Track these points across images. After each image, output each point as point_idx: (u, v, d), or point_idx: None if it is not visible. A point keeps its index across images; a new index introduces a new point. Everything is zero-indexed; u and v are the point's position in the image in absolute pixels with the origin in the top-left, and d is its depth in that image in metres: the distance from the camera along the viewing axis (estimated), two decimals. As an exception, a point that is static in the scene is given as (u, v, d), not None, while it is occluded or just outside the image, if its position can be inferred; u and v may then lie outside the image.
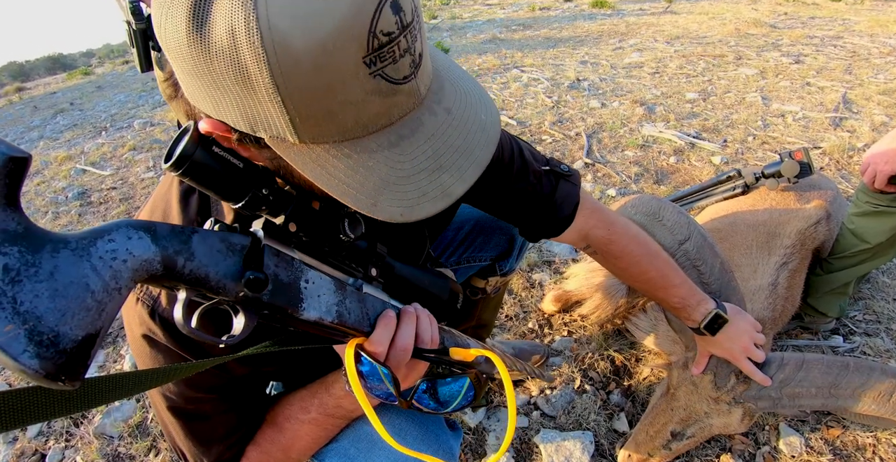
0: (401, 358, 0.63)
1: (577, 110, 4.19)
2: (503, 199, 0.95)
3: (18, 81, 16.54)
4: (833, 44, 5.93)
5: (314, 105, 0.46)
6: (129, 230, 0.43)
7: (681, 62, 5.50)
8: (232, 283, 0.48)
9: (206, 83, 0.46)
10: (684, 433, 1.26)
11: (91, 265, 0.39)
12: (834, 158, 3.01)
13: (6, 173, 0.35)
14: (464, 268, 1.27)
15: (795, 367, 1.17)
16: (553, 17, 10.01)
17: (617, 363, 1.70)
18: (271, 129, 0.48)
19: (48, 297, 0.36)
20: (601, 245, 1.05)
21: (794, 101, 4.04)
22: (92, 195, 3.70)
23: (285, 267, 0.54)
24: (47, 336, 0.35)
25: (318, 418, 0.76)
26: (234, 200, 0.53)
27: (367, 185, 0.50)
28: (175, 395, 0.70)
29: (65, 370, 0.36)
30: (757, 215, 1.78)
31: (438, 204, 0.52)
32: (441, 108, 0.54)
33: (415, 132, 0.52)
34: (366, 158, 0.50)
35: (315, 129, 0.48)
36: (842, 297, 1.77)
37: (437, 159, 0.52)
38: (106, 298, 0.39)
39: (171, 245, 0.45)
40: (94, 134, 5.46)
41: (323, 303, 0.57)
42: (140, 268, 0.42)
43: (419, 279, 0.77)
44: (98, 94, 8.44)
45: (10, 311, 0.34)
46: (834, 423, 1.46)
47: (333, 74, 0.44)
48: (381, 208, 0.50)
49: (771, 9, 9.24)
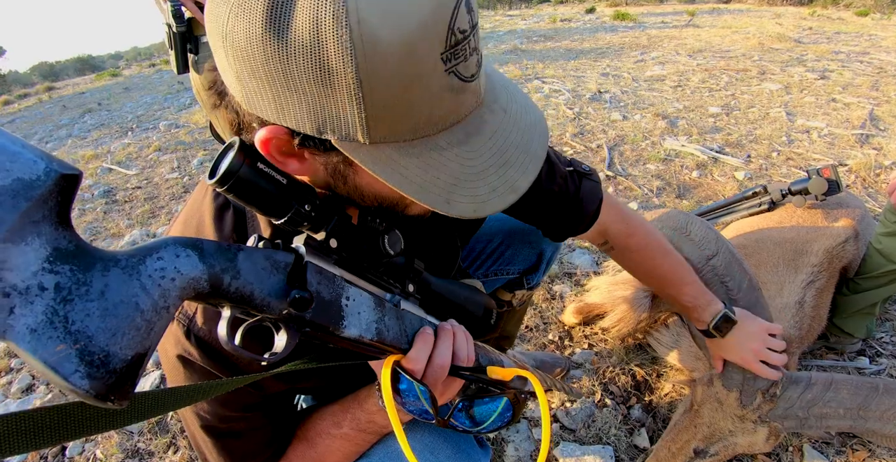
0: (438, 375, 0.63)
1: (599, 122, 4.18)
2: (533, 201, 0.96)
3: (48, 81, 16.95)
4: (859, 59, 5.86)
5: (392, 102, 0.46)
6: (176, 248, 0.42)
7: (703, 76, 5.48)
8: (276, 301, 0.48)
9: (275, 84, 0.46)
10: (707, 451, 1.25)
11: (141, 284, 0.39)
12: (860, 176, 2.97)
13: (59, 191, 0.35)
14: (491, 280, 1.27)
15: (824, 387, 1.16)
16: (574, 29, 10.03)
17: (638, 378, 1.69)
18: (341, 130, 0.48)
19: (99, 316, 0.36)
20: (620, 239, 1.07)
21: (819, 117, 3.99)
22: (117, 194, 3.77)
23: (327, 284, 0.54)
24: (98, 356, 0.35)
25: (349, 434, 0.76)
26: (277, 216, 0.53)
27: (439, 183, 0.50)
28: (209, 414, 0.69)
29: (114, 390, 0.36)
30: (784, 232, 1.76)
31: (507, 198, 0.53)
32: (498, 106, 0.55)
33: (480, 130, 0.53)
34: (436, 156, 0.50)
35: (388, 128, 0.48)
36: (869, 318, 1.74)
37: (502, 155, 0.53)
38: (155, 318, 0.39)
39: (218, 263, 0.44)
40: (121, 134, 5.58)
41: (363, 320, 0.57)
42: (188, 286, 0.42)
43: (455, 295, 0.76)
44: (125, 95, 8.63)
45: (62, 330, 0.34)
46: (860, 446, 1.43)
47: (414, 70, 0.45)
48: (454, 206, 0.50)
49: (795, 23, 9.17)
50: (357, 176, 0.55)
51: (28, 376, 2.00)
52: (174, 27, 1.59)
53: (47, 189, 0.34)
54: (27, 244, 0.34)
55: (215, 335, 0.63)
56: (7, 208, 0.32)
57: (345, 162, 0.53)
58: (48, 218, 0.35)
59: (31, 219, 0.34)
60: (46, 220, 0.35)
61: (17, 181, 0.33)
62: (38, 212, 0.34)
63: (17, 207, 0.33)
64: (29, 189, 0.33)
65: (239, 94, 0.50)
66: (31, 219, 0.34)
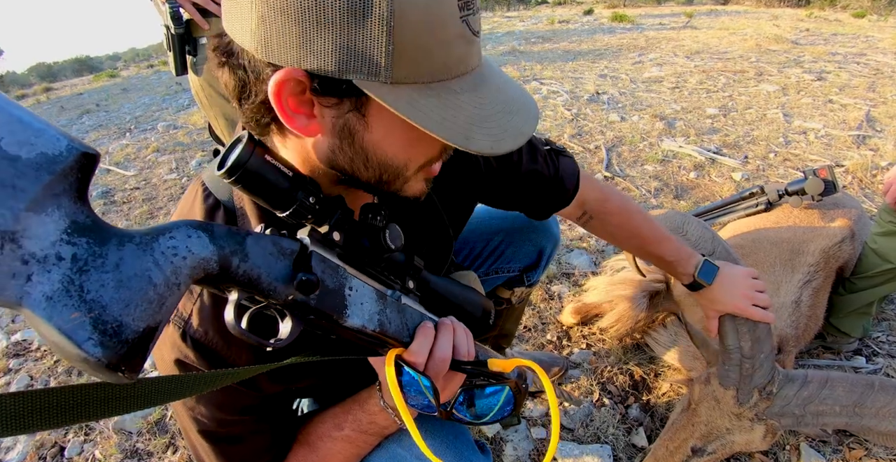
0: (440, 368, 0.63)
1: (597, 123, 4.20)
2: (517, 182, 0.99)
3: (46, 82, 16.92)
4: (856, 61, 5.89)
5: (417, 40, 0.48)
6: (188, 229, 0.43)
7: (701, 77, 5.50)
8: (282, 285, 0.49)
9: (306, 19, 0.46)
10: (705, 449, 1.25)
11: (154, 259, 0.40)
12: (857, 177, 2.98)
13: (79, 168, 0.36)
14: (492, 278, 1.28)
15: (820, 385, 1.16)
16: (572, 31, 10.05)
17: (636, 377, 1.69)
18: (364, 68, 0.48)
19: (113, 287, 0.37)
20: (598, 205, 1.10)
21: (816, 118, 4.01)
22: (116, 194, 3.77)
23: (331, 273, 0.54)
24: (111, 325, 0.36)
25: (351, 435, 0.75)
26: (283, 208, 0.54)
27: (457, 121, 0.52)
28: (207, 418, 0.68)
29: (125, 361, 0.36)
30: (780, 232, 1.77)
31: (518, 140, 0.55)
32: (494, 70, 0.60)
33: (486, 82, 0.56)
34: (453, 98, 0.52)
35: (409, 68, 0.49)
36: (865, 318, 1.75)
37: (507, 105, 0.57)
38: (166, 293, 0.40)
39: (228, 245, 0.45)
40: (119, 135, 5.57)
41: (366, 311, 0.57)
42: (198, 265, 0.43)
43: (454, 295, 0.77)
44: (123, 96, 8.62)
45: (77, 299, 0.35)
46: (857, 445, 1.44)
47: (438, 10, 0.48)
48: (472, 141, 0.52)
49: (793, 25, 9.20)
50: (367, 132, 0.55)
51: (27, 377, 1.99)
52: (173, 29, 1.60)
53: (68, 165, 0.35)
54: (47, 215, 0.35)
55: (212, 337, 0.64)
56: (30, 179, 0.34)
57: (357, 114, 0.54)
58: (68, 192, 0.36)
59: (52, 191, 0.35)
60: (66, 194, 0.36)
61: (41, 155, 0.34)
62: (59, 185, 0.35)
63: (39, 179, 0.34)
64: (52, 163, 0.35)
65: (254, 42, 0.49)
66: (52, 191, 0.35)
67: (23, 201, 0.33)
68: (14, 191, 0.33)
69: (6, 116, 0.34)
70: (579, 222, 1.15)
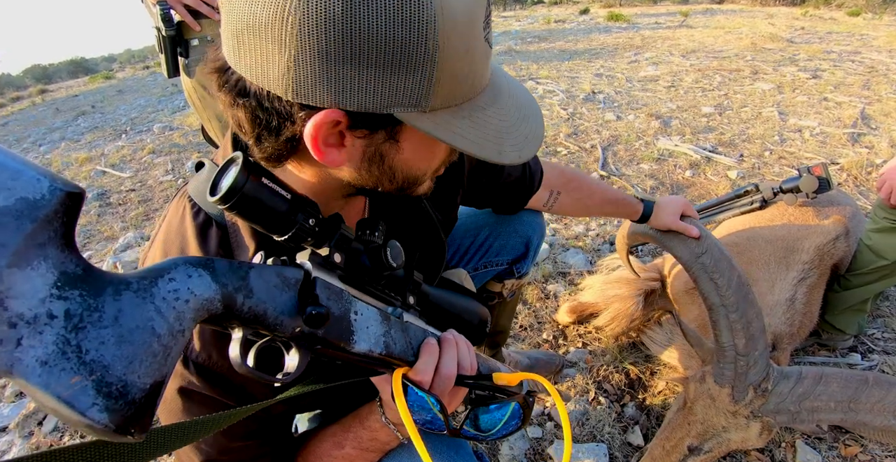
0: (445, 386, 0.63)
1: (593, 123, 4.20)
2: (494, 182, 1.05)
3: (41, 84, 16.87)
4: (851, 59, 5.91)
5: (454, 68, 0.49)
6: (188, 268, 0.40)
7: (696, 76, 5.51)
8: (289, 319, 0.46)
9: (348, 63, 0.45)
10: (702, 448, 1.25)
11: (155, 307, 0.36)
12: (852, 174, 2.99)
13: (64, 211, 0.32)
14: (481, 273, 1.28)
15: (814, 381, 1.16)
16: (568, 30, 10.06)
17: (632, 376, 1.69)
18: (406, 102, 0.49)
19: (115, 343, 0.33)
20: (562, 184, 1.20)
21: (811, 116, 4.02)
22: (111, 196, 3.76)
23: (336, 300, 0.52)
24: (116, 387, 0.33)
25: (351, 453, 0.74)
26: (281, 233, 0.52)
27: (488, 137, 0.54)
28: (210, 446, 0.67)
29: (134, 422, 0.34)
30: (775, 230, 1.77)
31: (536, 144, 0.59)
32: (497, 70, 0.61)
33: (501, 91, 0.58)
34: (481, 115, 0.55)
35: (445, 95, 0.51)
36: (860, 315, 1.75)
37: (521, 111, 0.59)
38: (171, 343, 0.37)
39: (231, 282, 0.42)
40: (115, 137, 5.56)
41: (372, 334, 0.56)
42: (201, 307, 0.40)
43: (452, 306, 0.76)
44: (119, 97, 8.60)
45: (76, 361, 0.31)
46: (852, 441, 1.44)
47: (471, 36, 0.50)
48: (505, 155, 0.55)
49: (788, 23, 9.23)
50: (397, 154, 0.56)
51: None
52: (164, 31, 1.59)
53: (52, 209, 0.32)
54: (33, 269, 0.31)
55: (216, 360, 0.62)
56: (11, 231, 0.30)
57: (390, 140, 0.55)
58: (54, 240, 0.32)
59: (36, 241, 0.31)
60: (52, 243, 0.32)
61: (20, 201, 0.30)
62: (43, 234, 0.31)
63: (21, 229, 0.30)
64: (33, 209, 0.31)
65: (283, 85, 0.47)
66: (36, 241, 0.31)
67: (4, 257, 0.29)
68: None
69: None
70: (549, 202, 1.22)
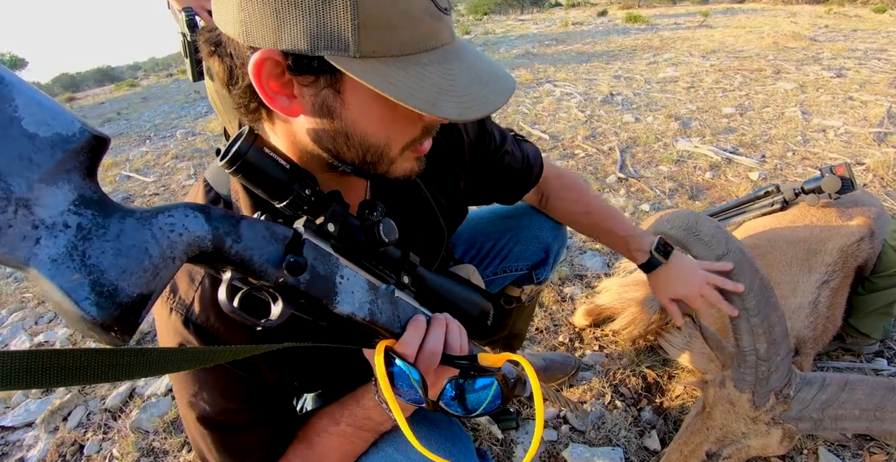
0: (430, 361, 0.64)
1: (611, 125, 4.17)
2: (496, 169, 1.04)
3: (69, 92, 17.35)
4: (877, 57, 5.77)
5: (381, 14, 0.50)
6: (187, 209, 0.47)
7: (717, 76, 5.43)
8: (273, 268, 0.51)
9: (277, 1, 0.49)
10: (720, 454, 1.23)
11: (152, 233, 0.43)
12: (878, 175, 2.91)
13: (89, 149, 0.40)
14: (500, 277, 1.28)
15: (839, 388, 1.13)
16: (586, 32, 10.01)
17: (649, 380, 1.67)
18: (333, 44, 0.51)
19: (112, 254, 0.40)
20: (554, 182, 1.18)
21: (835, 115, 3.93)
22: (135, 200, 3.85)
23: (323, 260, 0.57)
24: (107, 288, 0.39)
25: (346, 431, 0.76)
26: (280, 198, 0.57)
27: (424, 89, 0.54)
28: (208, 404, 0.70)
29: (119, 322, 0.40)
30: (797, 232, 1.74)
31: (488, 108, 0.57)
32: (470, 50, 0.62)
33: (458, 57, 0.58)
34: (420, 70, 0.55)
35: (376, 42, 0.52)
36: (886, 318, 1.71)
37: (480, 79, 0.58)
38: (161, 264, 0.43)
39: (222, 226, 0.48)
40: (139, 142, 5.69)
41: (356, 299, 0.59)
42: (193, 242, 0.46)
43: (451, 293, 0.77)
44: (143, 104, 8.81)
45: (79, 262, 0.38)
46: (877, 449, 1.40)
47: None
48: (440, 109, 0.54)
49: (811, 22, 9.05)
50: (344, 108, 0.57)
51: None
52: (189, 36, 1.64)
53: (80, 145, 0.39)
54: (58, 187, 0.39)
55: (213, 322, 0.66)
56: (46, 155, 0.38)
57: (332, 90, 0.56)
58: (78, 169, 0.40)
59: (64, 167, 0.39)
60: (76, 171, 0.40)
61: (56, 135, 0.38)
62: (70, 162, 0.39)
63: (53, 156, 0.38)
64: (65, 142, 0.39)
65: (237, 29, 0.53)
66: (64, 167, 0.39)
67: (37, 173, 0.37)
68: (30, 164, 0.37)
69: (26, 99, 0.37)
70: (539, 206, 1.22)
